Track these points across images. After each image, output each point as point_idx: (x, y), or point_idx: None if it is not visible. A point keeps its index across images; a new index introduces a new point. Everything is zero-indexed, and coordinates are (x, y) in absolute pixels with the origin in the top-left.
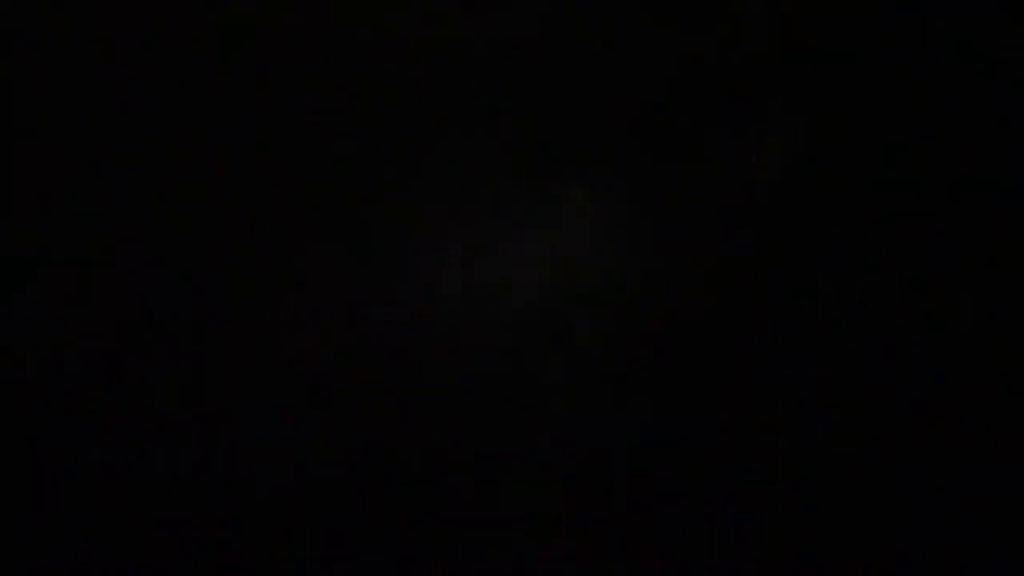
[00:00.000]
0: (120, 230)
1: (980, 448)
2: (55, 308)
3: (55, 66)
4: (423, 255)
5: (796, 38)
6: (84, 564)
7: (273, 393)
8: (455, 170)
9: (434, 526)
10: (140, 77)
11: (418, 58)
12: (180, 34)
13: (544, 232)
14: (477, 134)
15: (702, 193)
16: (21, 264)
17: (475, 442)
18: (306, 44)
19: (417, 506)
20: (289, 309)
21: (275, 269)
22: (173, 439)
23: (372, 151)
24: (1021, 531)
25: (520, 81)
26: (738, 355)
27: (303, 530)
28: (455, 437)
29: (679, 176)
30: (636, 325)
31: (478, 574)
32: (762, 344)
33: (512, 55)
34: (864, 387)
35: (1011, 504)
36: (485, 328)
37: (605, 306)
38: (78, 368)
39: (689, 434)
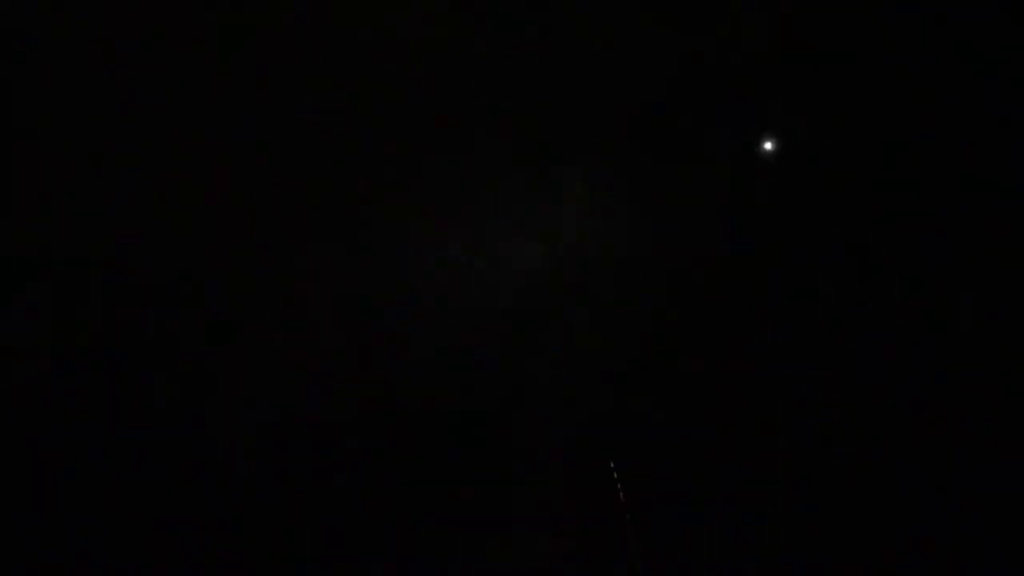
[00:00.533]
0: (120, 230)
1: (980, 448)
2: (55, 308)
3: (55, 66)
4: (422, 255)
5: (796, 38)
6: (81, 565)
7: (274, 395)
8: (455, 170)
9: (436, 521)
10: (140, 77)
11: (418, 58)
12: (180, 34)
13: (544, 232)
14: (477, 134)
15: (702, 193)
16: (21, 264)
17: (474, 440)
18: (306, 44)
19: (418, 498)
20: (289, 311)
21: (275, 269)
22: (174, 438)
23: (372, 151)
24: (1021, 531)
25: (520, 81)
26: (737, 354)
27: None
28: (456, 432)
29: (679, 176)
30: (636, 326)
31: (479, 572)
32: (761, 343)
33: (512, 55)
34: (864, 386)
35: (1011, 504)
36: (484, 334)
37: (605, 307)
38: (78, 367)
39: (685, 433)
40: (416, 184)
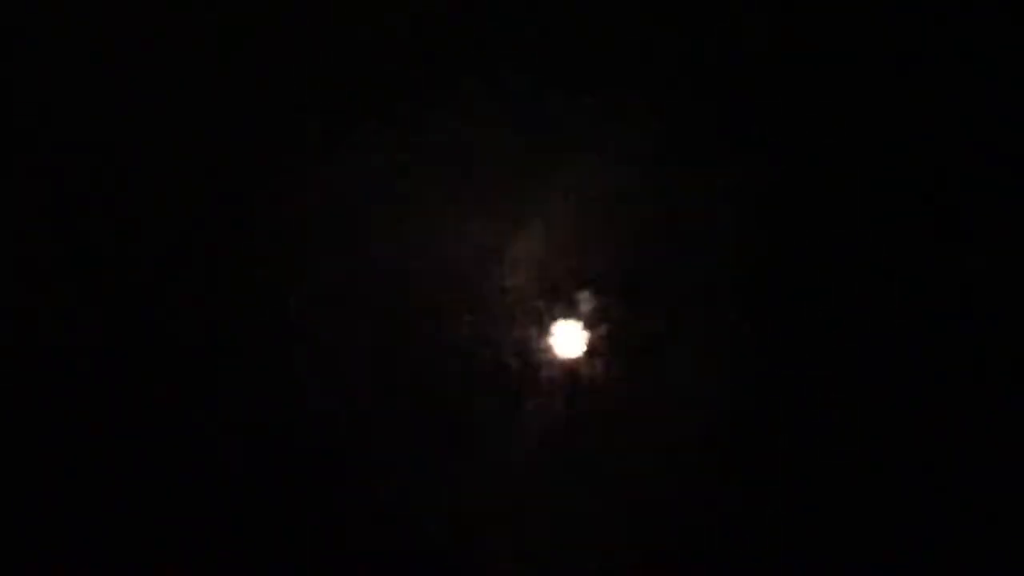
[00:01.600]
0: (120, 231)
1: (980, 448)
2: (58, 308)
3: (55, 66)
4: (422, 255)
5: (796, 38)
6: (81, 565)
7: (272, 395)
8: (455, 169)
9: (435, 521)
10: (140, 77)
11: (418, 58)
12: (180, 34)
13: (544, 232)
14: (477, 133)
15: (702, 193)
16: (23, 265)
17: (473, 439)
18: (306, 44)
19: (417, 498)
20: (287, 311)
21: (276, 270)
22: (176, 438)
23: (372, 151)
24: (1021, 531)
25: (520, 80)
26: (736, 356)
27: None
28: (456, 432)
29: (679, 176)
30: (637, 326)
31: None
32: (761, 344)
33: (512, 55)
34: (863, 386)
35: (1011, 504)
36: (483, 333)
37: (606, 306)
38: (77, 367)
39: (685, 433)
40: (416, 184)
